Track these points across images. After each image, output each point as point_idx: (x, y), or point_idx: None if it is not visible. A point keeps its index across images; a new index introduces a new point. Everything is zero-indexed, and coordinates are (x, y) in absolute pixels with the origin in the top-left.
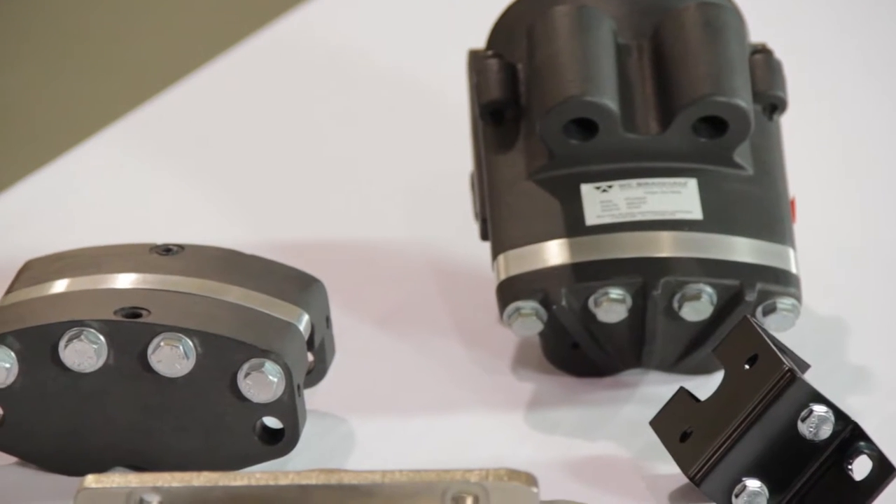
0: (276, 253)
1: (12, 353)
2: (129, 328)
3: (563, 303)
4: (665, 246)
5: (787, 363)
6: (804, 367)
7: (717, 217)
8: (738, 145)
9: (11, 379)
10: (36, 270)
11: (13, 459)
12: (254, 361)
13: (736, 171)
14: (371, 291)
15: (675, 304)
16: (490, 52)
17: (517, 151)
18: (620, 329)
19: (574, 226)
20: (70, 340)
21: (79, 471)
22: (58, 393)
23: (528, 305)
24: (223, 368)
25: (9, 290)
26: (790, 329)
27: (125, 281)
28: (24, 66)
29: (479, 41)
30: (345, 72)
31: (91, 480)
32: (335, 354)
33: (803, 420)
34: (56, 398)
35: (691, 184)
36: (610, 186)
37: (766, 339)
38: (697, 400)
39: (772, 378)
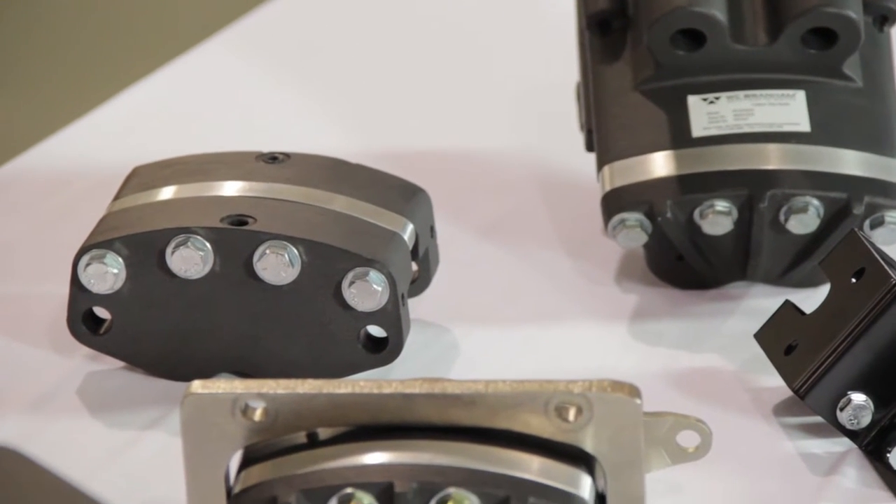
0: (381, 162)
1: (120, 259)
2: (235, 236)
3: (669, 215)
4: (772, 158)
5: (895, 277)
6: None
7: (826, 129)
8: (847, 57)
9: (119, 284)
10: (144, 177)
11: (121, 363)
12: (358, 270)
13: (845, 83)
14: (476, 201)
15: (782, 217)
16: None
17: (624, 62)
18: (726, 241)
19: (680, 137)
20: (177, 247)
21: (185, 376)
22: (165, 299)
23: (633, 217)
24: (328, 277)
25: (117, 196)
26: None
27: (231, 189)
28: None
29: None
30: None
31: (197, 386)
32: (439, 264)
33: None
34: (163, 304)
35: (799, 96)
36: (717, 98)
37: (874, 252)
38: (803, 313)
39: (879, 291)
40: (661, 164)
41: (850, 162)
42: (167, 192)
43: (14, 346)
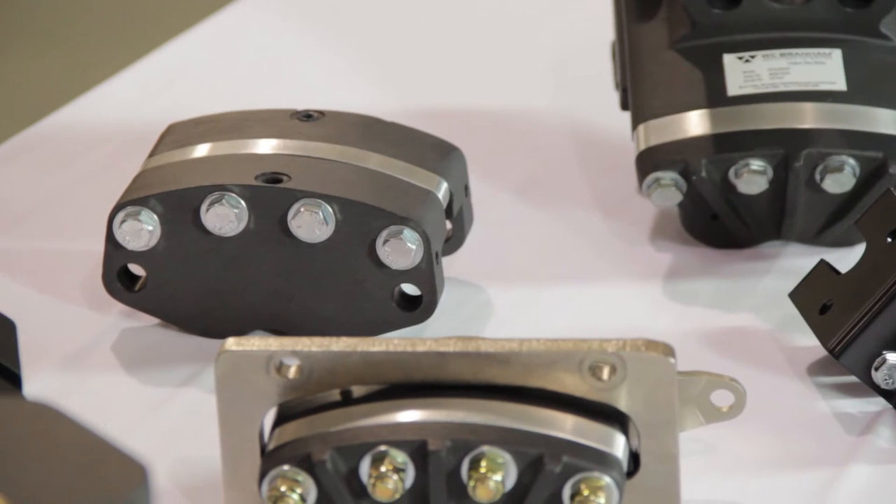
0: (416, 120)
1: (155, 216)
2: (270, 193)
3: (704, 174)
4: (808, 117)
5: None
6: None
7: (862, 88)
8: (884, 15)
9: (154, 241)
10: (179, 134)
11: (156, 320)
12: (392, 228)
13: (882, 41)
14: (510, 160)
15: (817, 176)
16: None
17: (659, 20)
18: (761, 201)
19: (716, 96)
20: (211, 204)
21: (219, 333)
22: (199, 256)
23: (668, 176)
24: (362, 235)
25: (152, 153)
26: None
27: (266, 146)
28: None
29: None
30: None
31: (232, 343)
32: (473, 223)
33: None
34: (198, 261)
35: (836, 54)
36: (753, 56)
37: None
38: (838, 272)
39: None
40: (696, 122)
41: (887, 121)
42: (202, 150)
43: (50, 302)
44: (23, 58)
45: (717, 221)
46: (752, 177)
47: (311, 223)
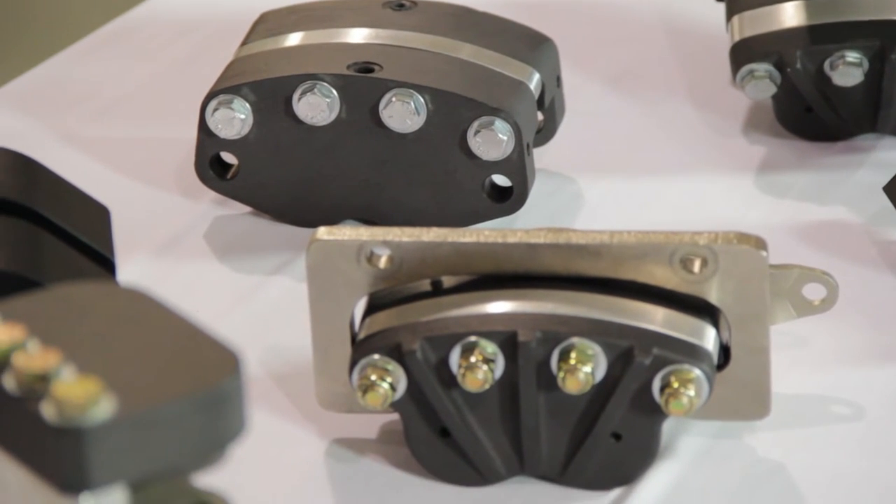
0: (508, 10)
1: (247, 105)
2: (362, 83)
3: (798, 65)
4: None
5: None
6: None
7: None
8: None
9: (246, 130)
10: (271, 22)
11: (247, 209)
12: (484, 119)
13: None
14: (603, 51)
15: None
16: None
17: None
18: (856, 93)
19: None
20: (303, 94)
21: (311, 222)
22: (291, 145)
23: (762, 68)
24: (453, 125)
25: (244, 42)
26: None
27: (358, 36)
28: None
29: None
30: None
31: (323, 232)
32: (565, 114)
33: None
34: (289, 150)
35: None
36: None
37: None
38: None
39: None
40: (791, 14)
41: None
42: (294, 39)
43: (143, 189)
44: None
45: (811, 114)
46: (848, 69)
47: (403, 113)
